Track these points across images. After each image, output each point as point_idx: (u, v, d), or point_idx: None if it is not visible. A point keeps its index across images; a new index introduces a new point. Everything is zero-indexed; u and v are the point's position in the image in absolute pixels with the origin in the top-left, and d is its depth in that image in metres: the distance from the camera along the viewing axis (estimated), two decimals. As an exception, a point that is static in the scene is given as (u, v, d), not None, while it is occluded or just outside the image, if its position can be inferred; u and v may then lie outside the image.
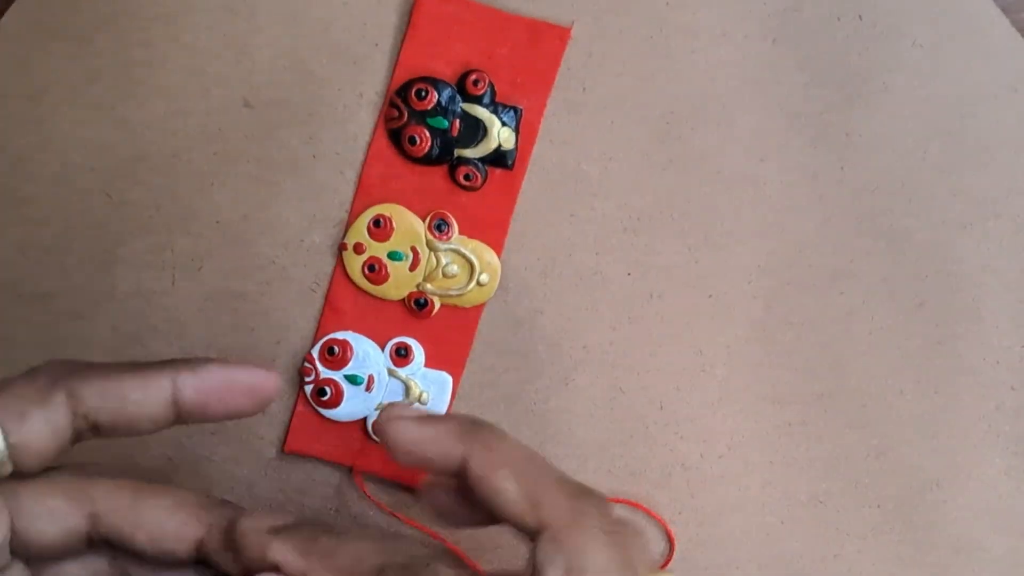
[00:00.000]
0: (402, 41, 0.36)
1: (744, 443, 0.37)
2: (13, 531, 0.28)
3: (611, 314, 0.37)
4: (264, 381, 0.29)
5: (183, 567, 0.30)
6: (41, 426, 0.27)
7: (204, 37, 0.37)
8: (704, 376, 0.37)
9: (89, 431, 0.28)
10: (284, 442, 0.36)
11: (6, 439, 0.27)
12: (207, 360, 0.30)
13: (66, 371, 0.28)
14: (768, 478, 0.37)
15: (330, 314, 0.36)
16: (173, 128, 0.37)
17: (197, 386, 0.29)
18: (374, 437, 0.36)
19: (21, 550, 0.28)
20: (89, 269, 0.37)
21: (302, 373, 0.36)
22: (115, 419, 0.28)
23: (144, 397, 0.28)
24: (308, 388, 0.36)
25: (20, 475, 0.28)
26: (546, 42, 0.36)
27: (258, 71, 0.37)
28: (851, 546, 0.37)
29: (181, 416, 0.29)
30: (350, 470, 0.37)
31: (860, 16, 0.37)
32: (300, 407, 0.36)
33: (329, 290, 0.37)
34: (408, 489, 0.37)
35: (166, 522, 0.29)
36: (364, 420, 0.36)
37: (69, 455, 0.29)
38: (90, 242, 0.37)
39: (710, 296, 0.37)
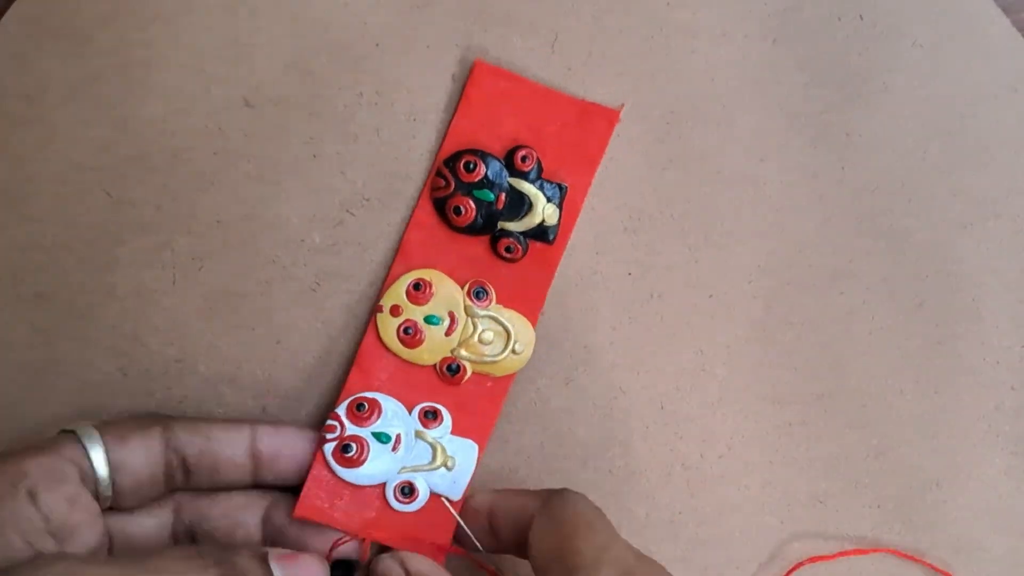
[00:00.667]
0: (454, 111, 0.36)
1: (744, 443, 0.37)
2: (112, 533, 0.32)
3: (611, 314, 0.37)
4: None
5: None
6: (137, 447, 0.32)
7: (204, 37, 0.37)
8: (704, 376, 0.37)
9: (179, 469, 0.33)
10: (294, 507, 0.34)
11: (107, 454, 0.31)
12: (287, 423, 0.36)
13: (164, 416, 0.34)
14: (768, 478, 0.37)
15: (357, 375, 0.36)
16: (173, 128, 0.37)
17: (273, 440, 0.34)
18: (394, 504, 0.35)
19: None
20: (89, 269, 0.37)
21: (324, 431, 0.35)
22: (201, 456, 0.33)
23: (226, 437, 0.33)
24: (330, 446, 0.35)
25: (118, 508, 0.33)
26: (594, 123, 0.37)
27: (258, 71, 0.37)
28: (851, 546, 0.37)
29: (258, 467, 0.34)
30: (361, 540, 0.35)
31: (860, 16, 0.37)
32: (316, 469, 0.34)
33: (359, 351, 0.36)
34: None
35: (235, 497, 0.34)
36: (383, 486, 0.35)
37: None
38: (90, 242, 0.37)
39: (710, 296, 0.37)
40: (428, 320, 0.36)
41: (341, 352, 0.37)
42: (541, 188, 0.36)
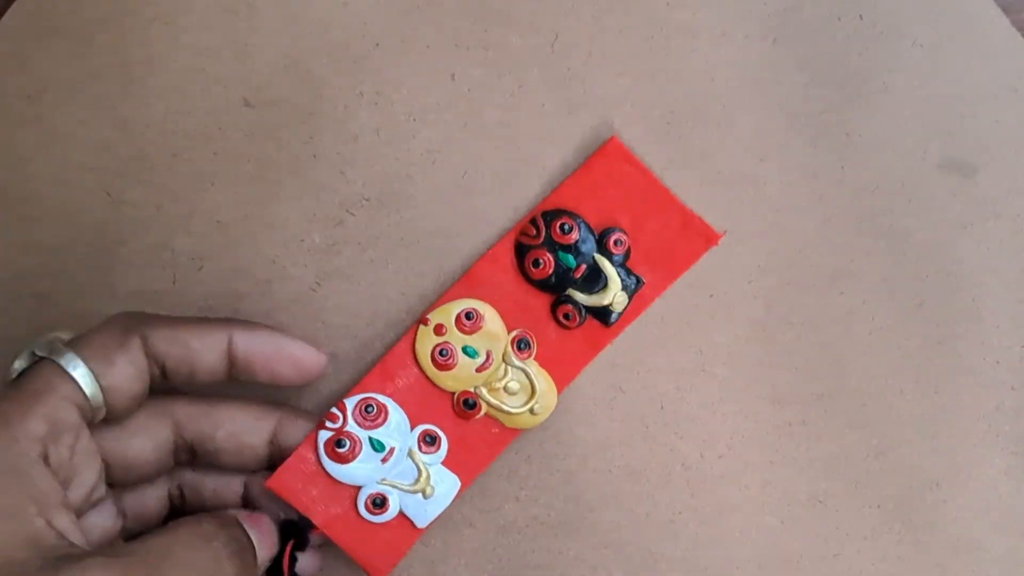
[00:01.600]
0: (572, 171, 0.36)
1: (744, 443, 0.37)
2: (112, 458, 0.32)
3: (611, 314, 0.37)
4: (310, 357, 0.34)
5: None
6: (126, 367, 0.31)
7: (204, 37, 0.37)
8: (704, 376, 0.37)
9: (159, 376, 0.32)
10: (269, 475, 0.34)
11: (99, 382, 0.30)
12: (262, 324, 0.34)
13: (136, 320, 0.32)
14: (768, 478, 0.37)
15: (379, 375, 0.36)
16: (173, 128, 0.37)
17: (248, 344, 0.33)
18: (362, 510, 0.35)
19: (120, 474, 0.32)
20: (89, 269, 0.37)
21: (326, 418, 0.35)
22: (179, 364, 0.32)
23: (203, 346, 0.32)
24: (325, 435, 0.35)
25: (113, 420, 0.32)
26: (693, 236, 0.37)
27: (258, 71, 0.37)
28: (851, 546, 0.37)
29: (233, 370, 0.33)
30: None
31: (860, 16, 0.37)
32: (303, 449, 0.34)
33: (387, 353, 0.36)
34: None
35: (241, 418, 0.34)
36: (359, 490, 0.35)
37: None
38: (90, 242, 0.37)
39: (710, 296, 0.37)
40: (465, 350, 0.36)
41: (341, 352, 0.37)
42: (620, 275, 0.36)
